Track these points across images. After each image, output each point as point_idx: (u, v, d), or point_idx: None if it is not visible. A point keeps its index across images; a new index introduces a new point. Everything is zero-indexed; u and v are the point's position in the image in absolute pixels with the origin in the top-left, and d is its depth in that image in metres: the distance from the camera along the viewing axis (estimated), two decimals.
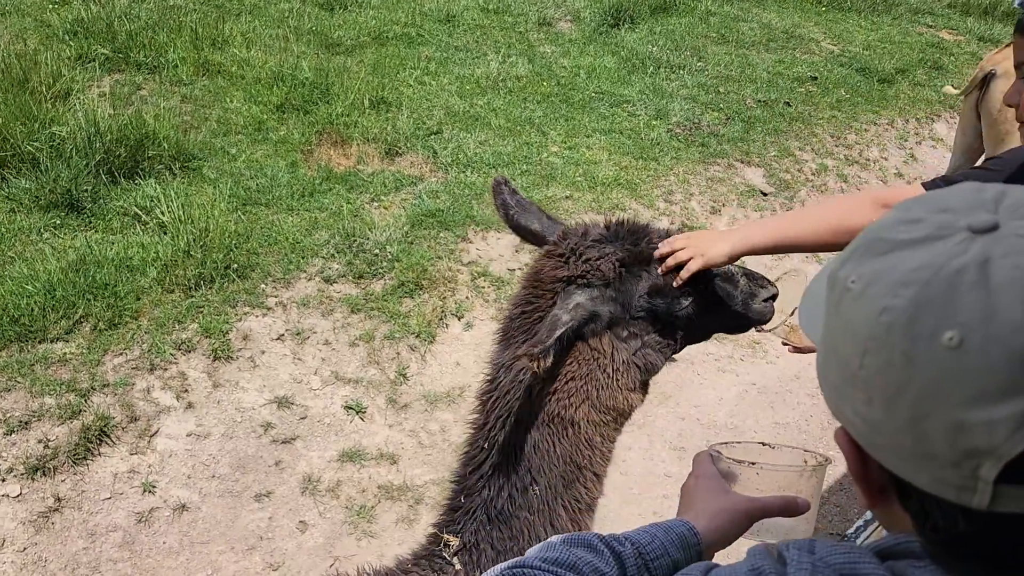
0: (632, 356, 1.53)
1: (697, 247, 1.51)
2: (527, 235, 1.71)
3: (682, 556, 1.09)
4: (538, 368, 1.31)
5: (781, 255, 5.28)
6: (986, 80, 4.52)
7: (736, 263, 1.63)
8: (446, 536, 1.52)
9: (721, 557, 1.13)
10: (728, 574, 0.81)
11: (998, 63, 4.49)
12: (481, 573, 1.49)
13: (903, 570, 0.71)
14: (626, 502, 3.08)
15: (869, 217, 1.54)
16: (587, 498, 1.56)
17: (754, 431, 3.51)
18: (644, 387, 1.60)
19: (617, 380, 1.52)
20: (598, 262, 1.50)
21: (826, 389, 0.75)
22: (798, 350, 1.77)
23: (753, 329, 1.67)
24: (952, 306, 0.60)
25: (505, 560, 1.42)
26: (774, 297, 1.63)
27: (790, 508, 1.16)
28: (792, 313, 1.73)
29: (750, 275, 1.63)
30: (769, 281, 1.65)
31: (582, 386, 1.48)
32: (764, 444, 1.28)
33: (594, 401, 1.51)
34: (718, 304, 1.59)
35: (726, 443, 1.28)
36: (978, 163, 4.56)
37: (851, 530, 3.08)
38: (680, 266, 1.53)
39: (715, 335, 1.84)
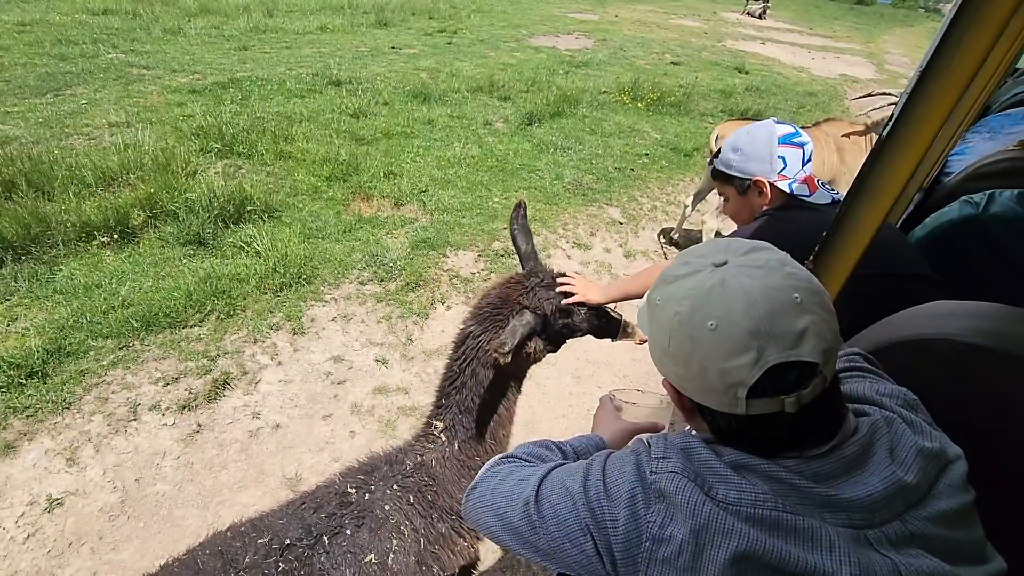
0: (542, 351, 1.58)
1: (583, 290, 1.55)
2: (515, 246, 1.70)
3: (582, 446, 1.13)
4: (503, 361, 1.32)
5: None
6: (716, 141, 4.56)
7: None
8: (435, 422, 1.55)
9: None
10: (619, 455, 0.83)
11: (723, 130, 4.55)
12: (457, 443, 1.51)
13: (716, 448, 0.75)
14: (546, 411, 3.13)
15: None
16: (512, 398, 1.61)
17: (619, 363, 3.57)
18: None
19: (531, 361, 1.59)
20: (544, 302, 1.51)
21: (655, 359, 0.78)
22: (643, 341, 1.77)
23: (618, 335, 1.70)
24: (710, 307, 0.67)
25: (468, 434, 1.53)
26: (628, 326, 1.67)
27: (654, 428, 1.19)
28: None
29: (617, 313, 1.67)
30: (615, 312, 1.68)
31: (512, 363, 1.49)
32: (639, 390, 1.31)
33: (518, 370, 1.59)
34: (595, 326, 1.62)
35: (618, 389, 1.33)
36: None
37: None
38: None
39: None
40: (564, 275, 1.60)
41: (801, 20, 22.70)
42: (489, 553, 2.36)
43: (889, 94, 5.26)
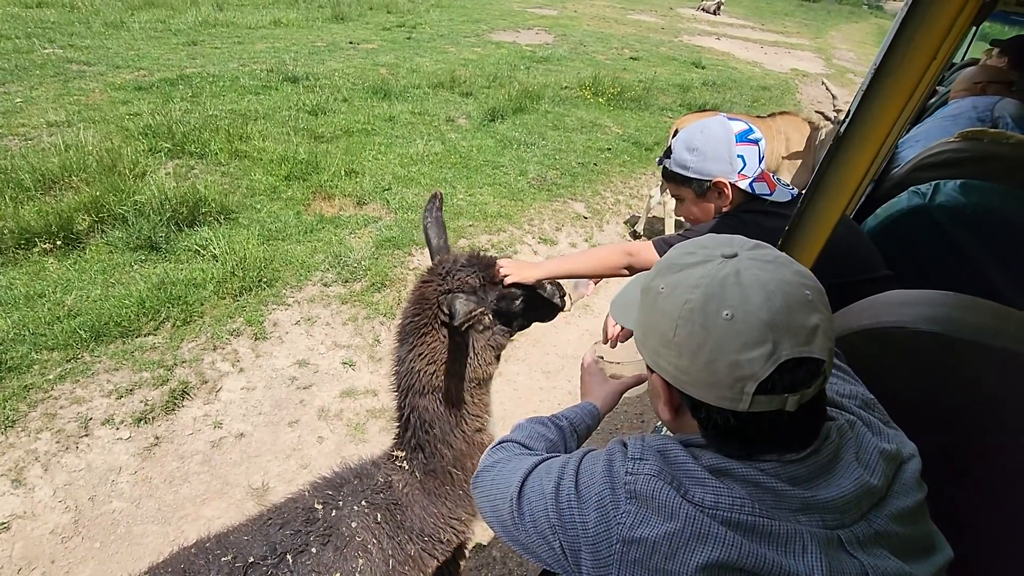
0: (488, 341, 1.46)
1: (517, 270, 1.48)
2: (427, 240, 1.62)
3: (592, 422, 1.15)
4: (485, 320, 1.25)
5: None
6: (675, 134, 4.64)
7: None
8: (396, 452, 1.49)
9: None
10: (595, 455, 0.81)
11: (683, 123, 4.67)
12: (419, 475, 1.46)
13: (694, 452, 0.74)
14: (516, 406, 3.14)
15: (621, 260, 1.61)
16: (475, 426, 1.49)
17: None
18: (498, 359, 1.52)
19: (477, 359, 1.45)
20: (466, 278, 1.42)
21: (646, 352, 0.75)
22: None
23: (561, 311, 1.61)
24: (724, 296, 0.65)
25: (428, 468, 1.46)
26: (565, 294, 1.57)
27: (640, 382, 1.22)
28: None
29: (554, 283, 1.56)
30: (562, 288, 1.58)
31: (453, 365, 1.40)
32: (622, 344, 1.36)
33: (461, 374, 1.43)
34: (538, 302, 1.52)
35: (598, 344, 1.38)
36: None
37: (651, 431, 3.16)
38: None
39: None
40: (484, 255, 1.53)
41: (753, 16, 23.33)
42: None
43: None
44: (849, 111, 0.84)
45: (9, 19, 8.69)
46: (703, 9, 21.98)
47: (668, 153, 1.60)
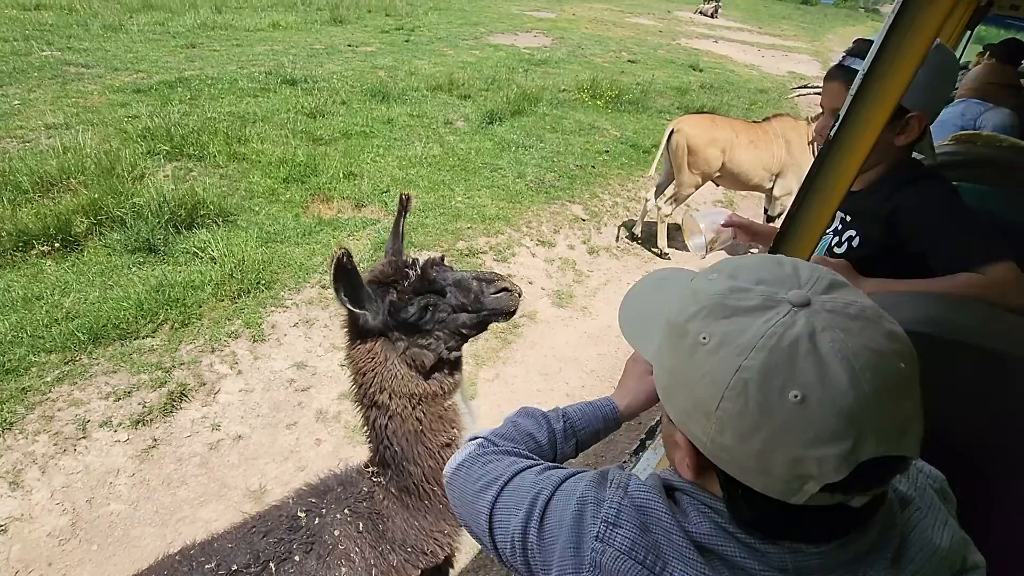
0: (400, 355, 1.30)
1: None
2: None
3: (603, 427, 0.99)
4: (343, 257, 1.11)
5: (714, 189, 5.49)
6: (670, 135, 4.78)
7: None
8: (371, 467, 1.43)
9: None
10: (569, 491, 0.70)
11: (679, 124, 4.75)
12: (394, 490, 1.42)
13: (686, 509, 0.62)
14: (514, 407, 3.13)
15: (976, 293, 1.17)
16: (440, 441, 1.37)
17: (586, 359, 3.62)
18: (421, 373, 1.31)
19: (396, 373, 1.30)
20: (379, 280, 1.29)
21: (672, 408, 0.60)
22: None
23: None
24: (794, 370, 0.49)
25: (401, 486, 1.37)
26: (506, 289, 1.31)
27: None
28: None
29: (480, 277, 1.33)
30: (500, 276, 1.34)
31: (374, 379, 1.31)
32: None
33: (391, 390, 1.31)
34: (462, 307, 1.30)
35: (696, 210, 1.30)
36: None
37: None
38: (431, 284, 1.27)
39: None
40: (423, 258, 1.35)
41: (751, 19, 23.44)
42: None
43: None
44: (839, 114, 0.86)
45: (7, 21, 8.70)
46: (701, 12, 22.08)
47: (862, 54, 1.20)
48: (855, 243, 1.40)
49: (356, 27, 11.96)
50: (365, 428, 1.39)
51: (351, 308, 1.22)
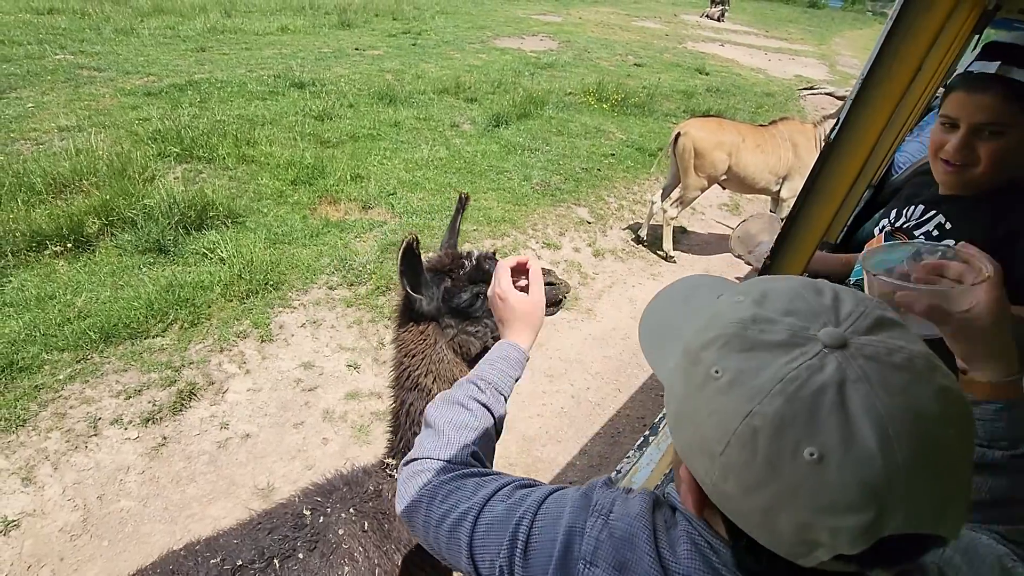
0: (448, 341, 1.34)
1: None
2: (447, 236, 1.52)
3: (519, 372, 0.97)
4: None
5: (750, 199, 5.46)
6: (676, 137, 4.80)
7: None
8: (388, 459, 1.46)
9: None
10: (555, 513, 0.65)
11: (685, 127, 4.77)
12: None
13: (674, 538, 0.57)
14: (520, 410, 3.16)
15: None
16: None
17: (591, 361, 3.63)
18: (466, 361, 1.36)
19: (443, 357, 1.35)
20: (440, 267, 1.34)
21: (678, 440, 0.53)
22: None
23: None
24: (814, 425, 0.42)
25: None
26: (551, 284, 1.33)
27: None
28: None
29: (556, 285, 1.36)
30: (548, 271, 1.35)
31: (422, 361, 1.34)
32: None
33: (436, 373, 1.34)
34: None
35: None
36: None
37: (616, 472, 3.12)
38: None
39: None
40: (480, 253, 1.38)
41: (758, 23, 23.40)
42: None
43: (831, 94, 5.56)
44: (838, 119, 0.87)
45: (21, 25, 8.83)
46: (707, 16, 22.07)
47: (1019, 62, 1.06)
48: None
49: (363, 31, 12.05)
50: (395, 414, 1.41)
51: (410, 292, 1.27)
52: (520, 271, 1.13)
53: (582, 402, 3.27)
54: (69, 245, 3.70)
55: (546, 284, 1.31)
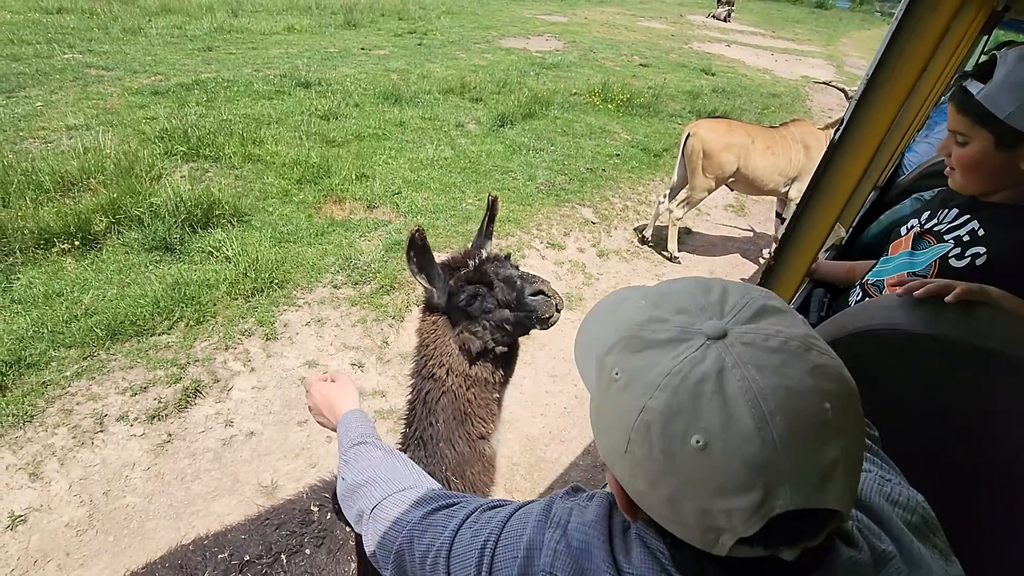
0: (454, 335, 1.36)
1: None
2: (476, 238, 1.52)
3: (366, 422, 1.06)
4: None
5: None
6: (687, 138, 4.79)
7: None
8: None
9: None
10: (521, 524, 0.66)
11: (695, 127, 4.77)
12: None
13: (630, 546, 0.58)
14: (523, 410, 3.16)
15: None
16: (479, 431, 1.39)
17: None
18: (469, 358, 1.35)
19: (450, 351, 1.36)
20: (459, 264, 1.38)
21: (599, 445, 0.54)
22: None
23: None
24: (698, 412, 0.45)
25: (427, 470, 1.34)
26: (542, 292, 1.34)
27: None
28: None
29: (524, 277, 1.37)
30: (541, 279, 1.36)
31: (434, 352, 1.36)
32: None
33: (448, 366, 1.35)
34: (506, 303, 1.34)
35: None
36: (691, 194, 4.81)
37: None
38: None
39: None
40: (492, 254, 1.41)
41: (764, 23, 23.31)
42: None
43: (845, 91, 5.56)
44: (843, 120, 0.87)
45: (30, 25, 8.90)
46: (713, 16, 22.00)
47: (982, 77, 1.05)
48: (979, 262, 1.19)
49: (369, 31, 12.08)
50: (411, 404, 1.42)
51: (421, 282, 1.32)
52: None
53: (585, 402, 3.27)
54: (76, 243, 3.73)
55: (537, 294, 1.34)
